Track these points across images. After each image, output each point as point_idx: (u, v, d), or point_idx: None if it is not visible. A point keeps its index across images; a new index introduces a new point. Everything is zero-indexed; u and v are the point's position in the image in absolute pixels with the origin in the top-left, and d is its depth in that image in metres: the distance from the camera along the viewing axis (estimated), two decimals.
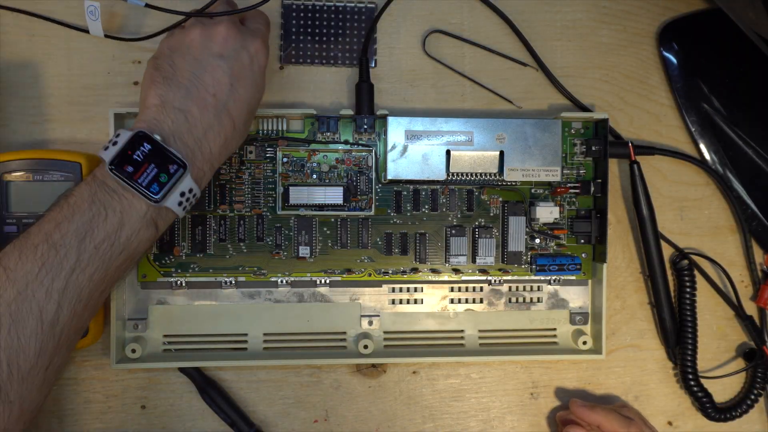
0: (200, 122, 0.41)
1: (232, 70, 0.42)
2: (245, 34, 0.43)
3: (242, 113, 0.43)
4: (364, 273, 0.53)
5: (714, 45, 0.56)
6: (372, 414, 0.55)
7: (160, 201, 0.40)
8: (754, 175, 0.56)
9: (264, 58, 0.44)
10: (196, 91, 0.41)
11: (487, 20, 0.56)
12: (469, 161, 0.51)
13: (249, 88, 0.43)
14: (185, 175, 0.40)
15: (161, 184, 0.40)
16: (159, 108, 0.41)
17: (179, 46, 0.43)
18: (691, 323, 0.55)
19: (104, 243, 0.39)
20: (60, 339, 0.38)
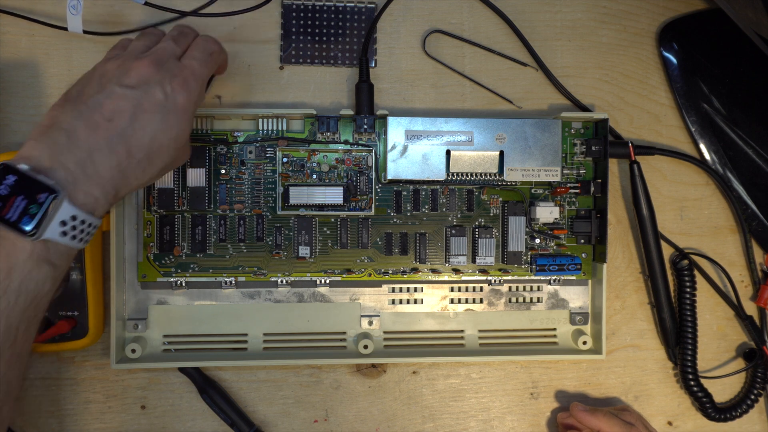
0: (85, 142, 0.38)
1: (138, 102, 0.39)
2: (165, 72, 0.41)
3: (142, 145, 0.39)
4: (364, 273, 0.53)
5: (714, 45, 0.56)
6: (372, 414, 0.55)
7: (36, 234, 0.36)
8: (754, 175, 0.56)
9: (184, 97, 0.41)
10: (90, 114, 0.38)
11: (487, 20, 0.56)
12: (469, 161, 0.51)
13: (156, 123, 0.40)
14: (60, 201, 0.36)
15: (32, 215, 0.36)
16: (44, 130, 0.38)
17: (93, 74, 0.41)
18: (691, 323, 0.55)
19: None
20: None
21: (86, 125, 0.38)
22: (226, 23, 0.53)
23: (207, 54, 0.45)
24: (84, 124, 0.38)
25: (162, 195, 0.51)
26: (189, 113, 0.42)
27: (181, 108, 0.41)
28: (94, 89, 0.40)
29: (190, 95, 0.42)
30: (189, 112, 0.42)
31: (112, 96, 0.39)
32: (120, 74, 0.40)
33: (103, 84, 0.40)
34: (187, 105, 0.41)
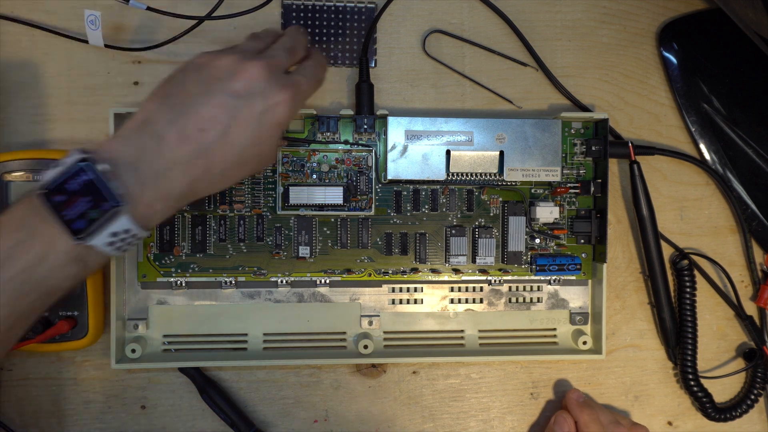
0: (170, 154, 0.36)
1: (236, 113, 0.37)
2: (274, 83, 0.39)
3: (225, 161, 0.38)
4: (364, 273, 0.53)
5: (714, 45, 0.56)
6: (372, 414, 0.55)
7: (84, 239, 0.35)
8: (754, 175, 0.56)
9: (283, 114, 0.39)
10: (185, 120, 0.37)
11: (487, 20, 0.56)
12: (469, 161, 0.51)
13: (246, 139, 0.38)
14: (120, 215, 0.35)
15: (89, 221, 0.35)
16: (138, 127, 0.37)
17: (204, 66, 0.39)
18: (691, 323, 0.55)
19: (20, 275, 0.35)
20: None
21: (178, 134, 0.37)
22: (226, 24, 0.53)
23: (316, 79, 0.43)
24: (176, 132, 0.37)
25: None
26: (281, 129, 0.40)
27: (277, 122, 0.39)
28: (198, 88, 0.38)
29: (291, 112, 0.39)
30: (282, 127, 0.40)
31: (212, 102, 0.37)
32: (229, 75, 0.38)
33: (209, 84, 0.38)
34: (284, 120, 0.39)
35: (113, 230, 0.36)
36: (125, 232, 0.36)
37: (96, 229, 0.35)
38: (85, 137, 0.53)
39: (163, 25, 0.53)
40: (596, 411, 0.53)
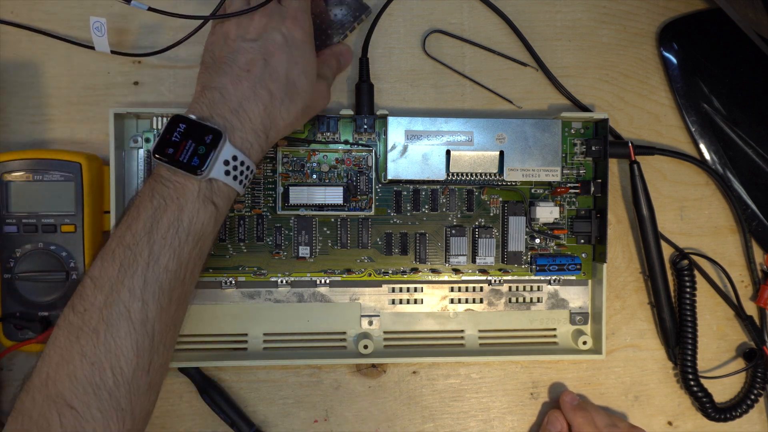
0: (234, 95, 0.42)
1: (265, 49, 0.43)
2: (275, 18, 0.45)
3: (280, 83, 0.43)
4: (364, 273, 0.53)
5: (714, 45, 0.56)
6: (372, 414, 0.55)
7: (204, 172, 0.40)
8: (754, 175, 0.56)
9: (299, 32, 0.45)
10: (230, 70, 0.43)
11: (487, 20, 0.56)
12: (469, 161, 0.51)
13: (284, 62, 0.44)
14: (223, 142, 0.41)
15: (201, 156, 0.40)
16: (199, 93, 0.43)
17: (217, 39, 0.45)
18: (691, 323, 0.55)
19: (169, 231, 0.40)
20: (153, 336, 0.39)
21: (231, 80, 0.43)
22: None
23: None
24: (229, 79, 0.43)
25: None
26: (308, 44, 0.45)
27: (300, 41, 0.44)
28: (225, 50, 0.44)
29: (304, 30, 0.45)
30: (308, 43, 0.45)
31: (242, 51, 0.43)
32: (241, 32, 0.44)
33: (230, 44, 0.44)
34: (304, 37, 0.45)
35: (224, 158, 0.41)
36: (234, 159, 0.41)
37: (210, 161, 0.40)
38: (85, 137, 0.53)
39: (164, 25, 0.53)
40: (591, 413, 0.53)
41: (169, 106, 0.53)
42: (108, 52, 0.50)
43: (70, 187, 0.49)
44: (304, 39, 0.45)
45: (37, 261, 0.49)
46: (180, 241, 0.40)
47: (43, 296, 0.49)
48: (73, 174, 0.49)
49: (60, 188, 0.49)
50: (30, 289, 0.49)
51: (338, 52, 0.52)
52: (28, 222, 0.49)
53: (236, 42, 0.44)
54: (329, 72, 0.50)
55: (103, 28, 0.48)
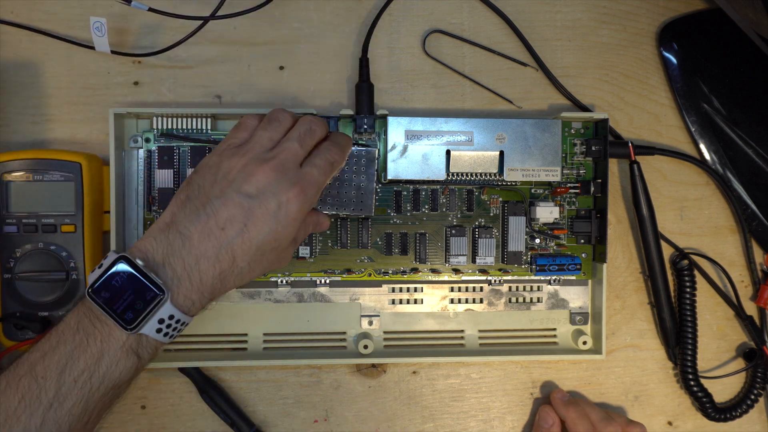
0: (196, 249, 0.40)
1: (251, 213, 0.40)
2: (284, 181, 0.41)
3: (247, 254, 0.41)
4: (364, 273, 0.53)
5: (714, 45, 0.56)
6: (372, 414, 0.55)
7: (134, 329, 0.39)
8: (754, 175, 0.56)
9: (296, 207, 0.41)
10: (206, 220, 0.40)
11: (487, 20, 0.56)
12: (469, 161, 0.51)
13: (263, 234, 0.41)
14: (163, 302, 0.39)
15: (136, 311, 0.39)
16: (164, 228, 0.41)
17: (217, 170, 0.42)
18: (691, 323, 0.55)
19: (83, 375, 0.38)
20: None
21: (201, 232, 0.40)
22: (227, 23, 0.53)
23: (329, 163, 0.44)
24: (199, 230, 0.40)
25: (162, 195, 0.51)
26: (298, 222, 0.42)
27: (292, 218, 0.41)
28: (215, 191, 0.41)
29: (304, 205, 0.42)
30: (298, 221, 0.42)
31: (228, 203, 0.40)
32: (242, 178, 0.41)
33: (224, 188, 0.41)
34: (298, 214, 0.42)
35: (160, 317, 0.40)
36: (170, 318, 0.40)
37: (144, 318, 0.39)
38: (85, 137, 0.53)
39: (165, 26, 0.53)
40: (584, 408, 0.52)
41: (169, 106, 0.53)
42: (108, 52, 0.50)
43: (70, 187, 0.49)
44: (298, 215, 0.42)
45: (37, 261, 0.49)
46: (92, 388, 0.39)
47: (43, 296, 0.49)
48: (73, 174, 0.49)
49: (60, 188, 0.49)
50: (30, 289, 0.49)
51: (319, 220, 0.49)
52: (28, 222, 0.49)
53: (229, 188, 0.41)
54: (302, 236, 0.47)
55: (103, 28, 0.48)
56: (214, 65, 0.54)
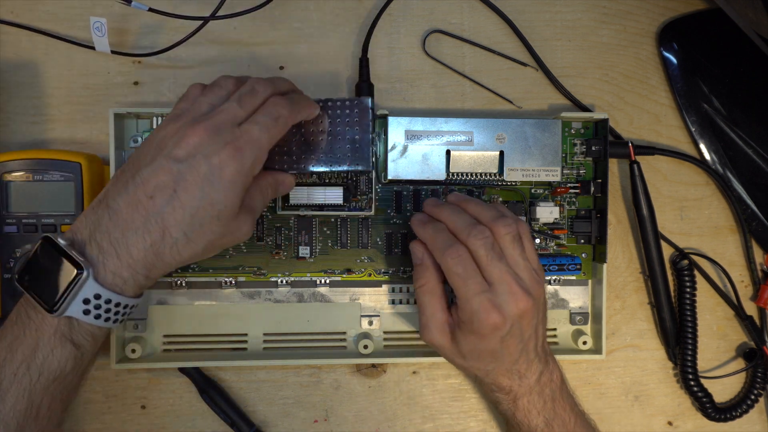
0: (123, 222, 0.38)
1: (180, 176, 0.37)
2: (217, 141, 0.38)
3: (180, 223, 0.38)
4: (364, 273, 0.53)
5: (714, 45, 0.56)
6: (372, 414, 0.55)
7: (57, 310, 0.37)
8: (754, 175, 0.56)
9: (231, 169, 0.38)
10: (134, 190, 0.38)
11: (487, 20, 0.56)
12: (469, 161, 0.51)
13: (195, 200, 0.37)
14: (83, 280, 0.37)
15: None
16: (95, 204, 0.39)
17: (154, 139, 0.40)
18: (691, 323, 0.55)
19: (21, 367, 0.37)
20: None
21: (128, 203, 0.38)
22: (227, 24, 0.53)
23: (272, 119, 0.40)
24: (127, 201, 0.38)
25: None
26: (237, 185, 0.38)
27: (227, 180, 0.38)
28: (146, 160, 0.39)
29: (241, 166, 0.38)
30: (237, 183, 0.38)
31: (157, 170, 0.38)
32: (173, 143, 0.38)
33: (155, 155, 0.39)
34: (235, 176, 0.38)
35: (84, 297, 0.37)
36: (96, 297, 0.38)
37: (64, 299, 0.37)
38: (85, 137, 0.53)
39: (165, 26, 0.53)
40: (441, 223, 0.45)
41: (169, 106, 0.53)
42: (108, 52, 0.50)
43: (70, 187, 0.49)
44: (234, 177, 0.38)
45: None
46: (31, 380, 0.37)
47: None
48: (73, 174, 0.49)
49: (60, 188, 0.49)
50: None
51: (280, 180, 0.45)
52: (28, 222, 0.49)
53: (160, 155, 0.38)
54: (260, 203, 0.43)
55: (104, 28, 0.48)
56: (214, 65, 0.54)
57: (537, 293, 0.44)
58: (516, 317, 0.43)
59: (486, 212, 0.44)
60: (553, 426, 0.46)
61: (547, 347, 0.48)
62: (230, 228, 0.40)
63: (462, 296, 0.43)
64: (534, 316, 0.44)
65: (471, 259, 0.43)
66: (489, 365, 0.45)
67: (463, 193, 0.51)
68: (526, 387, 0.46)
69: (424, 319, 0.46)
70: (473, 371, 0.47)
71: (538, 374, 0.46)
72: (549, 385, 0.46)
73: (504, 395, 0.47)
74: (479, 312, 0.42)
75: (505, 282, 0.42)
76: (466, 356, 0.45)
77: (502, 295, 0.42)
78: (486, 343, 0.43)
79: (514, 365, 0.45)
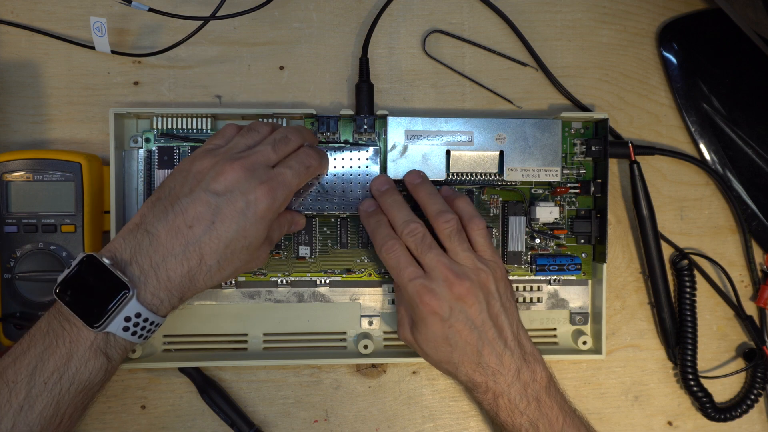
0: (163, 247, 0.40)
1: (219, 210, 0.40)
2: (253, 179, 0.41)
3: (215, 252, 0.41)
4: (364, 273, 0.53)
5: (714, 45, 0.56)
6: (372, 414, 0.55)
7: (100, 327, 0.39)
8: (754, 175, 0.56)
9: (265, 206, 0.41)
10: (174, 218, 0.40)
11: (487, 20, 0.56)
12: (469, 161, 0.51)
13: (231, 232, 0.41)
14: (129, 299, 0.39)
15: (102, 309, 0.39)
16: (133, 228, 0.41)
17: (189, 171, 0.42)
18: (691, 323, 0.55)
19: (53, 376, 0.38)
20: None
21: (168, 230, 0.40)
22: (227, 24, 0.53)
23: (304, 167, 0.45)
24: (166, 228, 0.40)
25: None
26: (267, 221, 0.42)
27: (260, 216, 0.41)
28: (184, 190, 0.41)
29: (273, 204, 0.42)
30: (267, 219, 0.42)
31: (196, 202, 0.41)
32: (211, 177, 0.41)
33: (193, 186, 0.41)
34: (267, 212, 0.42)
35: (126, 315, 0.39)
36: (137, 316, 0.40)
37: (109, 316, 0.39)
38: (85, 137, 0.53)
39: (165, 26, 0.53)
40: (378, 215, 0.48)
41: (169, 106, 0.53)
42: (108, 52, 0.50)
43: (70, 187, 0.49)
44: (266, 213, 0.42)
45: (37, 261, 0.49)
46: (62, 390, 0.39)
47: (43, 296, 0.49)
48: (73, 174, 0.49)
49: (60, 188, 0.49)
50: (30, 289, 0.49)
51: (296, 219, 0.49)
52: (28, 222, 0.49)
53: (198, 187, 0.41)
54: (277, 236, 0.47)
55: (104, 28, 0.48)
56: (214, 65, 0.54)
57: (480, 279, 0.45)
58: (452, 300, 0.44)
59: (429, 207, 0.47)
60: (539, 426, 0.46)
61: (527, 345, 0.47)
62: (254, 256, 0.44)
63: (401, 286, 0.46)
64: (477, 301, 0.45)
65: (406, 252, 0.46)
66: (452, 356, 0.45)
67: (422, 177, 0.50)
68: (503, 384, 0.45)
69: (398, 318, 0.50)
70: (444, 366, 0.47)
71: (515, 371, 0.45)
72: (531, 385, 0.46)
73: (482, 394, 0.46)
74: (414, 297, 0.45)
75: (437, 268, 0.45)
76: (426, 348, 0.46)
77: (436, 280, 0.44)
78: (433, 330, 0.45)
79: (480, 358, 0.45)
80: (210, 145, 0.45)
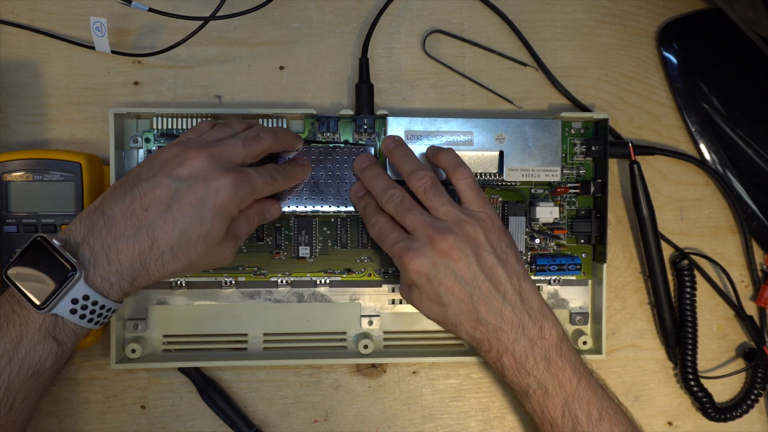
0: (116, 229, 0.39)
1: (178, 195, 0.40)
2: (217, 169, 0.41)
3: (168, 237, 0.40)
4: (364, 273, 0.53)
5: (714, 45, 0.56)
6: (372, 414, 0.55)
7: (45, 308, 0.38)
8: (754, 175, 0.56)
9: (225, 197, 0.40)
10: (131, 201, 0.40)
11: (487, 20, 0.56)
12: (469, 161, 0.51)
13: (187, 218, 0.40)
14: (75, 281, 0.38)
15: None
16: (92, 210, 0.41)
17: (157, 158, 0.42)
18: (691, 323, 0.55)
19: (2, 359, 0.38)
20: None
21: (124, 212, 0.40)
22: (227, 24, 0.53)
23: (271, 177, 0.44)
24: (122, 210, 0.40)
25: None
26: (226, 213, 0.41)
27: (220, 206, 0.40)
28: (148, 175, 0.41)
29: (234, 196, 0.41)
30: (227, 211, 0.41)
31: (156, 186, 0.40)
32: (176, 163, 0.41)
33: (156, 171, 0.41)
34: (227, 204, 0.41)
35: (72, 297, 0.39)
36: (85, 298, 0.39)
37: (54, 298, 0.38)
38: (85, 137, 0.53)
39: (165, 26, 0.53)
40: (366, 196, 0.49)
41: (169, 106, 0.53)
42: (108, 52, 0.50)
43: (70, 187, 0.49)
44: (226, 204, 0.41)
45: None
46: (11, 373, 0.38)
47: None
48: (73, 174, 0.49)
49: (60, 188, 0.49)
50: None
51: (266, 207, 0.47)
52: (28, 222, 0.49)
53: (161, 172, 0.40)
54: (244, 231, 0.45)
55: (104, 28, 0.48)
56: (214, 65, 0.54)
57: (465, 231, 0.44)
58: (436, 257, 0.43)
59: (402, 168, 0.47)
60: (548, 388, 0.43)
61: (534, 300, 0.45)
62: (213, 251, 0.42)
63: (389, 253, 0.46)
64: (464, 254, 0.43)
65: (389, 220, 0.46)
66: (447, 314, 0.44)
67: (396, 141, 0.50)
68: (506, 341, 0.43)
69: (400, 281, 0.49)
70: (446, 326, 0.46)
71: (518, 326, 0.43)
72: (539, 343, 0.43)
73: (486, 353, 0.45)
74: (400, 259, 0.44)
75: (418, 227, 0.44)
76: (423, 310, 0.46)
77: (419, 240, 0.44)
78: (425, 290, 0.44)
79: (477, 314, 0.43)
80: (182, 138, 0.45)
